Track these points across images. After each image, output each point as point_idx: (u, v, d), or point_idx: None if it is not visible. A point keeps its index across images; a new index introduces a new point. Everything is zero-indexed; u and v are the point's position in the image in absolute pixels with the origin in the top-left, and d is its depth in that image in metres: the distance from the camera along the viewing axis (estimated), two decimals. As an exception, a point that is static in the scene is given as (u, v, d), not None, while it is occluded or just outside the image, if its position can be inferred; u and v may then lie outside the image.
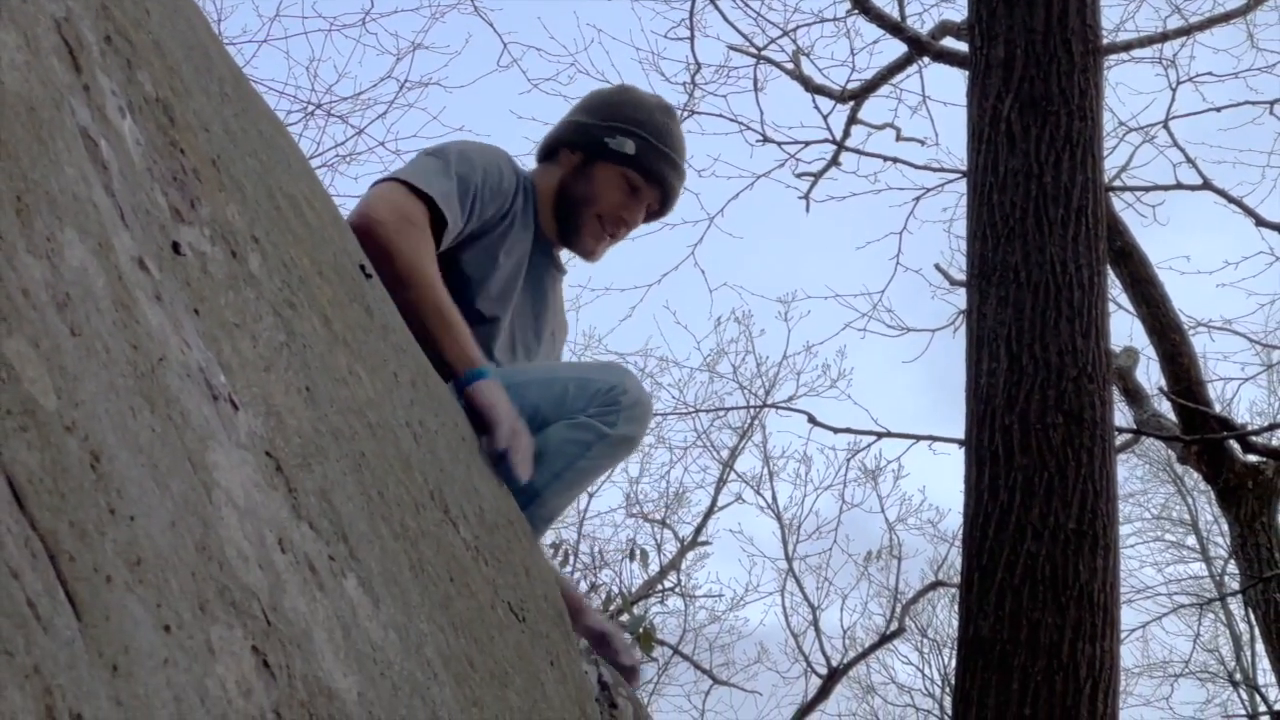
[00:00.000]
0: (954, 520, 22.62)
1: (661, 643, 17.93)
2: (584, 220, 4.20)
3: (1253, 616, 11.54)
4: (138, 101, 2.08)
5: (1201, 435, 10.48)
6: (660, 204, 4.33)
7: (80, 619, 1.31)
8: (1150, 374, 12.12)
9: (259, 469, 1.87)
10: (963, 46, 10.75)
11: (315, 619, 1.80)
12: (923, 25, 11.92)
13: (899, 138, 13.02)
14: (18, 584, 1.25)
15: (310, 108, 15.74)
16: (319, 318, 2.41)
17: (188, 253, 2.01)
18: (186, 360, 1.82)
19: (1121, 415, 12.24)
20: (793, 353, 29.30)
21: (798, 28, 13.09)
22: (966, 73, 5.96)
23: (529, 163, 4.38)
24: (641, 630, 10.07)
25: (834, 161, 12.88)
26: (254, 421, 1.94)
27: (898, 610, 18.66)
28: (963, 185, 5.86)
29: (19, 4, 1.75)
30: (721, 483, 22.09)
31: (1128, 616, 17.99)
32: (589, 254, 4.29)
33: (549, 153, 4.29)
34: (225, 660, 1.54)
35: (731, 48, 13.30)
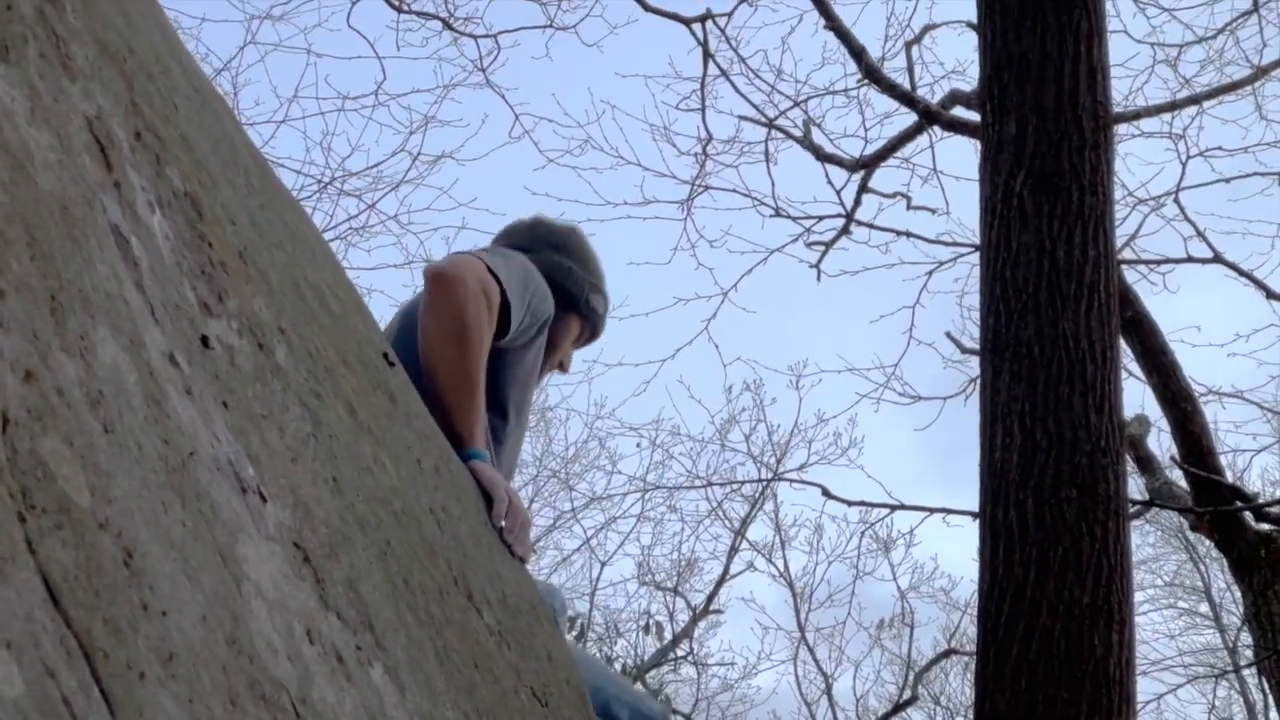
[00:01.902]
0: (966, 588, 22.56)
1: (675, 712, 17.87)
2: (544, 362, 4.29)
3: (1267, 686, 11.49)
4: (167, 196, 2.10)
5: (1214, 506, 10.44)
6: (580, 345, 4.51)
7: (114, 716, 1.32)
8: (1162, 442, 12.08)
9: (287, 560, 1.89)
10: (973, 116, 10.77)
11: (343, 709, 1.81)
12: (933, 96, 11.93)
13: (910, 206, 13.00)
14: (54, 682, 1.26)
15: (323, 184, 15.81)
16: (344, 407, 2.43)
17: (216, 346, 2.03)
18: (216, 454, 1.84)
19: (1134, 483, 12.19)
20: (804, 423, 29.30)
21: (809, 98, 13.13)
22: (976, 142, 5.99)
23: None
24: (660, 701, 10.06)
25: (845, 231, 12.88)
26: (282, 513, 1.95)
27: (910, 678, 18.57)
28: (974, 257, 5.88)
29: (52, 104, 1.78)
30: (733, 551, 22.05)
31: (1142, 686, 17.93)
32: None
33: None
34: (256, 755, 1.55)
35: (742, 118, 13.33)
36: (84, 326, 1.63)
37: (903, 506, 11.04)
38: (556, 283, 4.24)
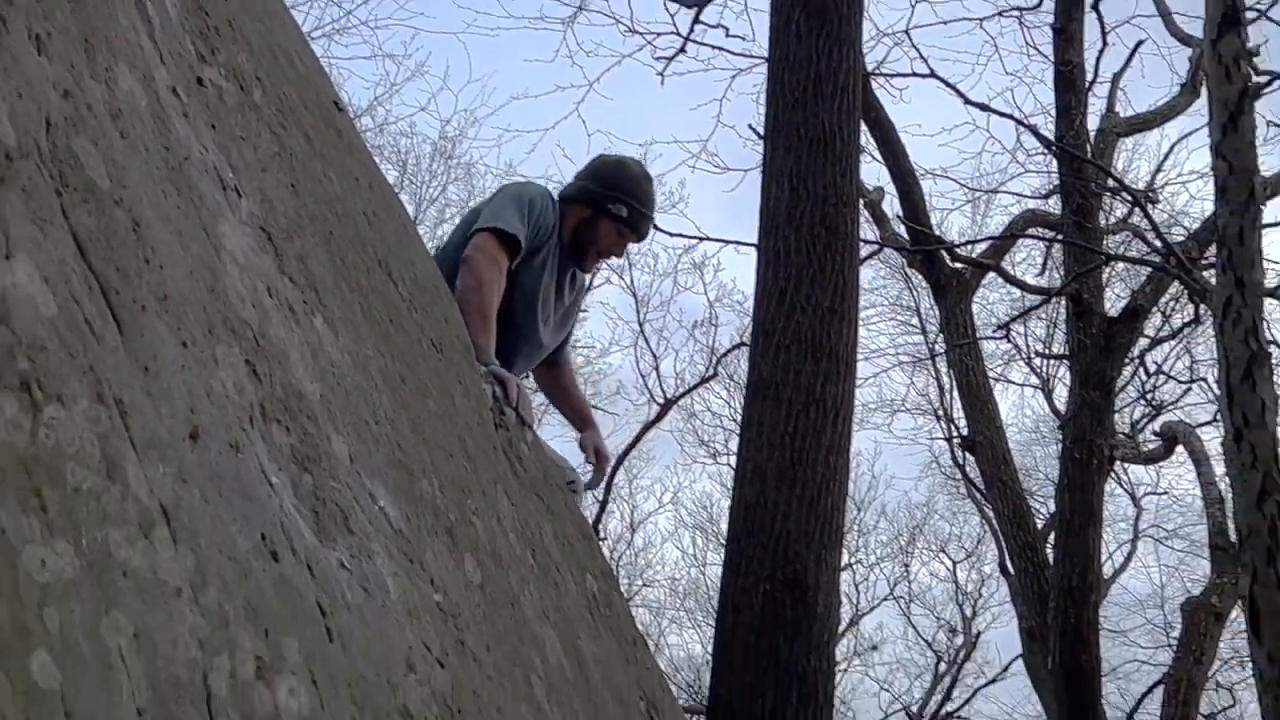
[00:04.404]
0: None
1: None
2: (588, 254, 4.37)
3: (952, 372, 11.94)
4: (174, -25, 2.04)
5: (922, 247, 10.70)
6: (638, 242, 4.55)
7: (122, 334, 1.33)
8: (892, 205, 12.21)
9: (255, 239, 1.87)
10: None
11: (291, 343, 1.81)
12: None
13: (728, 34, 12.91)
14: (79, 308, 1.26)
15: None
16: (303, 137, 2.39)
17: (208, 85, 1.99)
18: (204, 160, 1.81)
19: (871, 232, 12.35)
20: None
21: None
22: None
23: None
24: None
25: (681, 50, 12.76)
26: (252, 206, 1.93)
27: (713, 361, 18.84)
28: (766, 68, 5.85)
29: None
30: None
31: (867, 369, 18.29)
32: (586, 270, 4.56)
33: (567, 200, 4.38)
34: (226, 368, 1.55)
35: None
36: (109, 62, 1.60)
37: (706, 238, 11.19)
38: (583, 202, 4.33)
